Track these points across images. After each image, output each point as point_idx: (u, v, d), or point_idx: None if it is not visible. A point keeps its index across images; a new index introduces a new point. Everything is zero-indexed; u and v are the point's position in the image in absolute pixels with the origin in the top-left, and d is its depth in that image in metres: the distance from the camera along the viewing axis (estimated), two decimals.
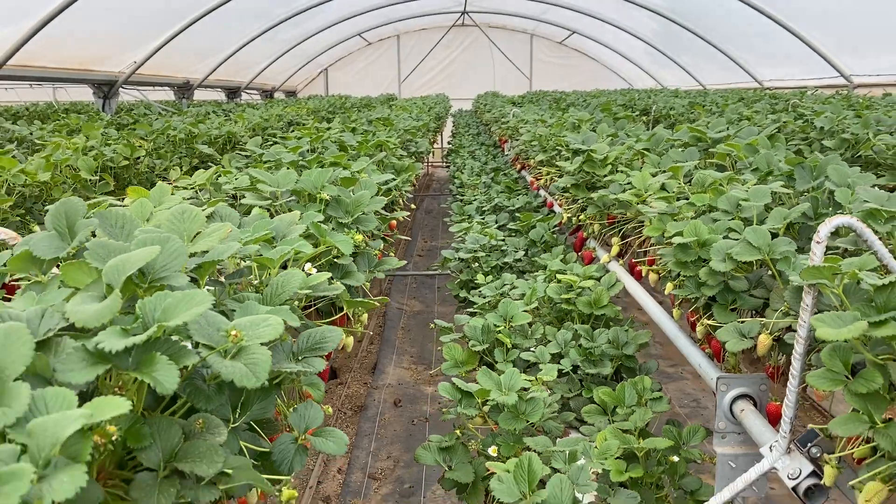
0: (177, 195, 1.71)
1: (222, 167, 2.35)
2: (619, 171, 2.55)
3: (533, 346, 2.14)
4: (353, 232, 1.71)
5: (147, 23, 9.03)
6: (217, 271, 1.36)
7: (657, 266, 2.02)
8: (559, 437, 1.66)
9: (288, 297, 1.16)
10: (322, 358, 1.18)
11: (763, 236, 1.43)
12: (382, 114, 6.21)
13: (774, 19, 9.64)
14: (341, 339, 1.43)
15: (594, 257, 2.86)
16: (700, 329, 1.69)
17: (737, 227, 1.60)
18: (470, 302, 2.83)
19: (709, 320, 1.56)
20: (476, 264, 3.08)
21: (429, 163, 14.20)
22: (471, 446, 1.63)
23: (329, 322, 1.76)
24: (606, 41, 16.22)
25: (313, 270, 1.49)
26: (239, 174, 2.29)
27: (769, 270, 1.52)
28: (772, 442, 1.27)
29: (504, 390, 1.58)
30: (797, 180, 1.85)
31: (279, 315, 0.99)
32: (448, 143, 9.36)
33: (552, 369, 1.83)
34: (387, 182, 2.37)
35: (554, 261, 2.75)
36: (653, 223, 1.88)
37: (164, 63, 9.99)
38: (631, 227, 2.50)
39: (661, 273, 2.03)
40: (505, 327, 2.16)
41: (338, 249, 1.54)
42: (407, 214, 2.42)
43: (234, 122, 5.28)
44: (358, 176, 2.14)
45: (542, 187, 4.39)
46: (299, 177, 1.98)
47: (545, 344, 2.13)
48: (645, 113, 6.58)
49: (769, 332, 1.37)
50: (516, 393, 1.59)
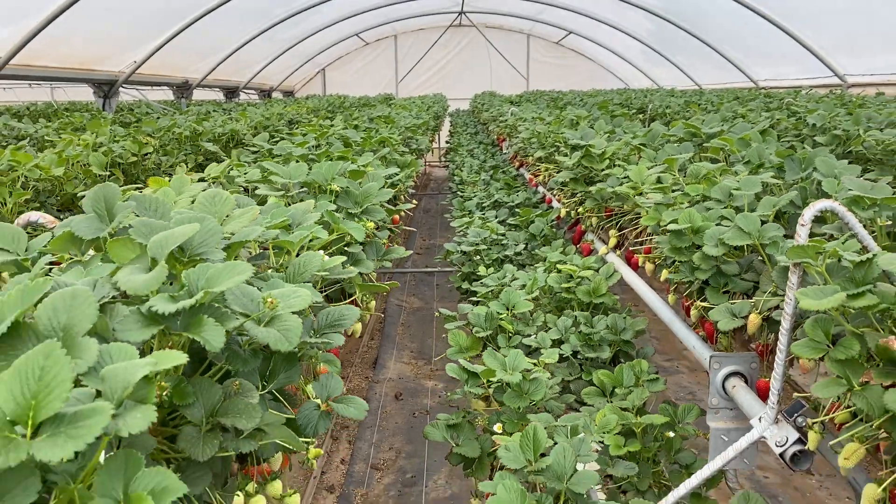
0: (195, 186, 1.79)
1: (235, 161, 2.43)
2: (617, 166, 2.63)
3: (534, 333, 2.22)
4: (365, 220, 1.79)
5: (147, 23, 9.10)
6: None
7: (653, 255, 2.11)
8: (560, 416, 1.74)
9: (309, 277, 1.24)
10: (340, 333, 1.26)
11: (753, 222, 1.52)
12: (383, 112, 6.29)
13: (769, 19, 9.74)
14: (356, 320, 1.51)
15: (592, 249, 2.95)
16: (694, 313, 1.78)
17: (729, 215, 1.68)
18: (472, 293, 2.91)
19: (703, 303, 1.65)
20: (478, 257, 3.17)
21: (426, 162, 14.29)
22: (476, 423, 1.72)
23: None
24: (602, 41, 16.32)
25: (325, 258, 1.57)
26: (249, 168, 2.37)
27: (759, 256, 1.60)
28: (761, 413, 1.35)
29: (509, 370, 1.67)
30: (787, 172, 1.93)
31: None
32: (446, 142, 9.44)
33: (553, 353, 1.91)
34: (392, 176, 2.45)
35: (554, 253, 2.84)
36: (649, 213, 1.96)
37: (164, 63, 10.06)
38: (628, 220, 2.59)
39: (657, 262, 2.11)
40: (507, 315, 2.24)
41: (350, 236, 1.62)
42: (412, 206, 2.50)
43: (237, 121, 5.36)
44: (366, 169, 2.23)
45: (541, 184, 4.48)
46: (310, 169, 2.07)
47: (546, 331, 2.22)
48: (641, 111, 6.67)
49: (759, 312, 1.45)
50: (520, 373, 1.67)
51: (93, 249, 1.24)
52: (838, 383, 1.03)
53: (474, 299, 2.61)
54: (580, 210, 3.05)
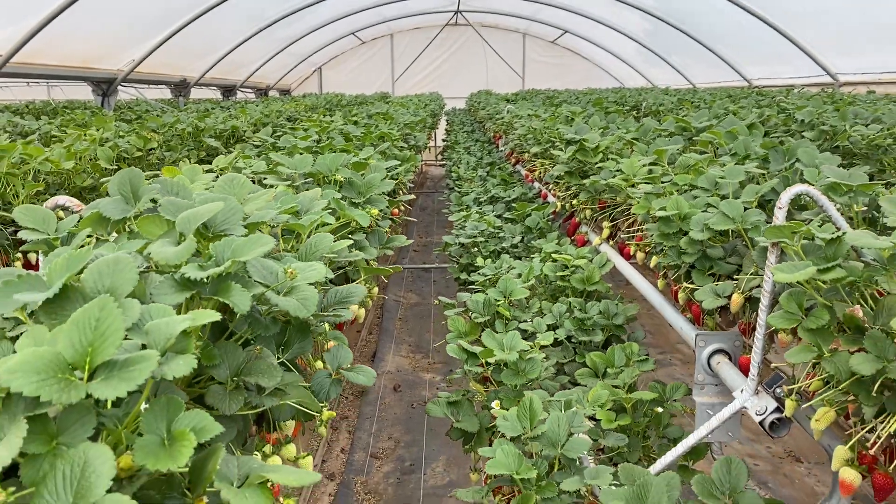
0: (206, 175, 1.88)
1: (241, 153, 2.51)
2: (610, 159, 2.72)
3: (530, 319, 2.31)
4: (369, 208, 1.87)
5: (146, 21, 9.17)
6: None
7: (644, 242, 2.20)
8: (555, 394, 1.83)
9: (320, 256, 1.32)
10: (348, 310, 1.35)
11: (736, 208, 1.61)
12: (381, 109, 6.38)
13: (763, 19, 9.85)
14: (356, 307, 1.60)
15: (587, 241, 3.04)
16: (682, 296, 1.87)
17: (714, 203, 1.77)
18: (470, 283, 2.99)
19: (689, 285, 1.74)
20: (475, 249, 3.25)
21: (423, 161, 14.36)
22: (475, 401, 1.80)
23: None
24: (598, 41, 16.42)
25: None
26: (255, 160, 2.46)
27: (743, 241, 1.70)
28: (742, 386, 1.44)
29: (506, 349, 1.75)
30: (771, 162, 2.03)
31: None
32: (443, 141, 9.53)
33: (549, 335, 2.00)
34: (393, 168, 2.54)
35: (549, 244, 2.93)
36: (640, 202, 2.05)
37: (162, 61, 10.12)
38: (620, 211, 2.68)
39: (648, 249, 2.20)
40: (504, 302, 2.33)
41: (356, 222, 1.70)
42: (412, 198, 2.58)
43: (237, 118, 5.44)
44: (368, 161, 2.31)
45: (537, 179, 4.57)
46: (314, 161, 2.15)
47: (542, 316, 2.31)
48: (635, 109, 6.77)
49: (741, 292, 1.55)
50: (517, 352, 1.76)
51: (115, 232, 1.32)
52: (809, 350, 1.12)
53: (473, 288, 2.70)
54: (574, 203, 3.14)
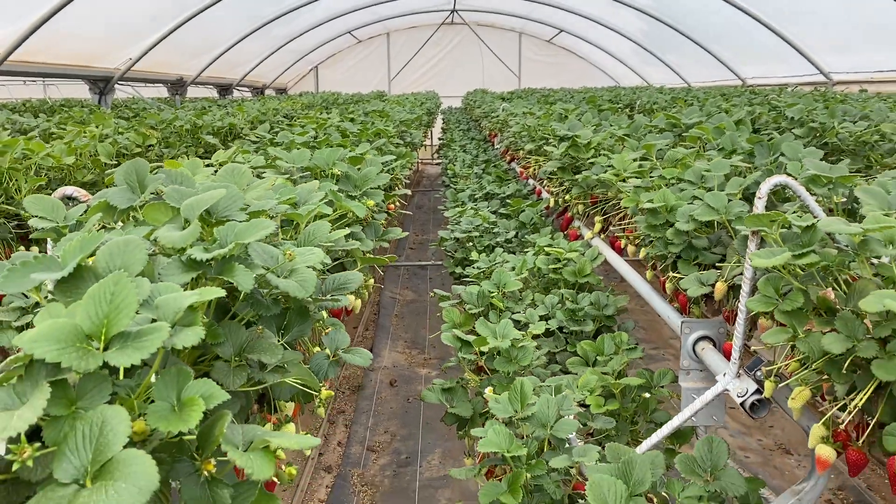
0: (206, 169, 1.93)
1: (240, 148, 2.56)
2: (602, 155, 2.78)
3: (523, 310, 2.36)
4: (366, 200, 1.93)
5: (143, 20, 9.20)
6: None
7: (633, 235, 2.26)
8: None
9: (318, 244, 1.37)
10: (346, 296, 1.40)
11: (720, 199, 1.66)
12: (377, 107, 6.42)
13: (757, 18, 9.93)
14: (353, 297, 1.65)
15: (579, 235, 3.10)
16: (669, 286, 1.93)
17: (700, 195, 1.83)
18: (465, 277, 3.05)
19: (676, 274, 1.80)
20: (470, 244, 3.31)
21: (419, 160, 14.42)
22: (469, 388, 1.86)
23: None
24: (594, 40, 16.49)
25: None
26: (253, 155, 2.50)
27: (727, 231, 1.75)
28: (725, 370, 1.50)
29: (499, 338, 1.81)
30: (756, 156, 2.08)
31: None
32: (439, 139, 9.58)
33: (541, 325, 2.05)
34: (388, 162, 2.59)
35: (543, 239, 2.99)
36: (629, 196, 2.11)
37: (159, 60, 10.15)
38: (611, 206, 2.74)
39: (637, 242, 2.26)
40: (498, 293, 2.38)
41: (352, 213, 1.75)
42: (407, 193, 2.63)
43: (234, 115, 5.48)
44: (364, 156, 2.36)
45: (531, 176, 4.63)
46: (312, 155, 2.20)
47: (534, 307, 2.36)
48: (629, 107, 6.83)
49: (725, 280, 1.60)
50: (510, 340, 1.81)
51: (121, 221, 1.37)
52: (785, 331, 1.18)
53: (468, 281, 2.75)
54: (567, 198, 3.19)
